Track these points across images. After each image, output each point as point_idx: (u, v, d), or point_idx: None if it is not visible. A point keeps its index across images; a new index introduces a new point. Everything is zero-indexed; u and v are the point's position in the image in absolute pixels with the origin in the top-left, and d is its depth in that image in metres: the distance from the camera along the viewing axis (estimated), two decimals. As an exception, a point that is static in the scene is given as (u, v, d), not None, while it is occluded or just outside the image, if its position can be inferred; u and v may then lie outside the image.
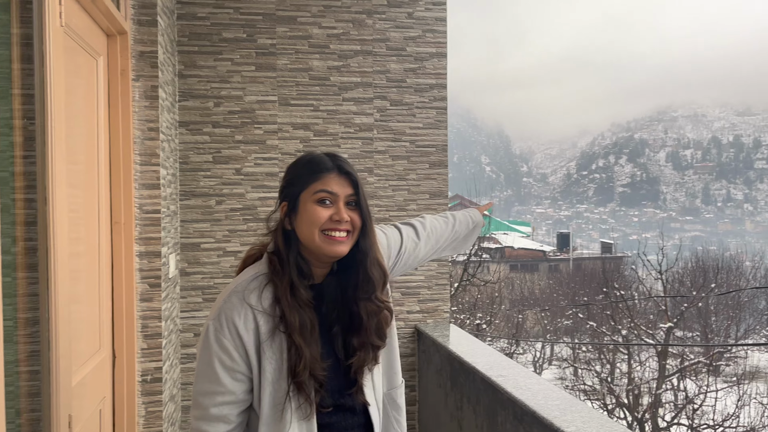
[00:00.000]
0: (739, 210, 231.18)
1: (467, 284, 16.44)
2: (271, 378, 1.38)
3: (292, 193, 1.44)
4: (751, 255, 32.98)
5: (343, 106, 3.67)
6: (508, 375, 2.57)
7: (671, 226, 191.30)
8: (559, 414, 2.08)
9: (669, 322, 15.24)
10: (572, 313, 23.21)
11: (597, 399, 14.70)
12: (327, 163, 1.44)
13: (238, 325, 1.38)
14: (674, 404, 14.05)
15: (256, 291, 1.41)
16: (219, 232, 3.57)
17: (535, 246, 45.93)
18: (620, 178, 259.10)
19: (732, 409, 12.63)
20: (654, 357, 15.95)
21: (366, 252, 1.46)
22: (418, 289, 3.84)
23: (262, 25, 3.56)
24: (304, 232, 1.41)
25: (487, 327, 18.70)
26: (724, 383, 16.00)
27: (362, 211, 1.45)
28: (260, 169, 3.59)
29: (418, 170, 3.80)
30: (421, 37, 3.75)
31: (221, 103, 3.54)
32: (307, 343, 1.37)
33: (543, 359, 23.36)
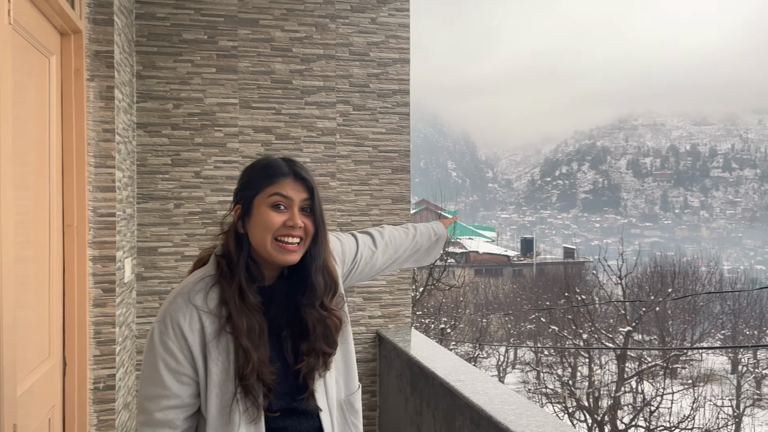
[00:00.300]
0: (696, 217, 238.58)
1: (432, 288, 16.52)
2: (218, 380, 1.36)
3: (246, 197, 1.42)
4: (707, 260, 34.01)
5: (306, 110, 3.65)
6: (466, 380, 2.58)
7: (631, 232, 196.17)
8: (515, 418, 2.10)
9: (628, 326, 15.58)
10: (535, 317, 23.56)
11: (558, 402, 14.94)
12: (283, 168, 1.43)
13: (183, 326, 1.36)
14: (633, 406, 14.36)
15: (201, 292, 1.39)
16: (177, 236, 3.50)
17: (499, 251, 46.50)
18: (583, 185, 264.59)
19: (687, 410, 12.97)
20: (614, 360, 16.29)
21: (315, 259, 1.45)
22: (380, 294, 3.84)
23: (223, 27, 3.52)
24: (256, 236, 1.40)
25: (452, 331, 18.82)
26: (680, 386, 16.44)
27: (316, 217, 1.44)
28: (220, 173, 3.54)
29: (381, 175, 3.81)
30: (384, 43, 3.76)
31: (181, 105, 3.48)
32: (255, 347, 1.36)
33: (507, 363, 23.63)
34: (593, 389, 14.18)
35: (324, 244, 1.48)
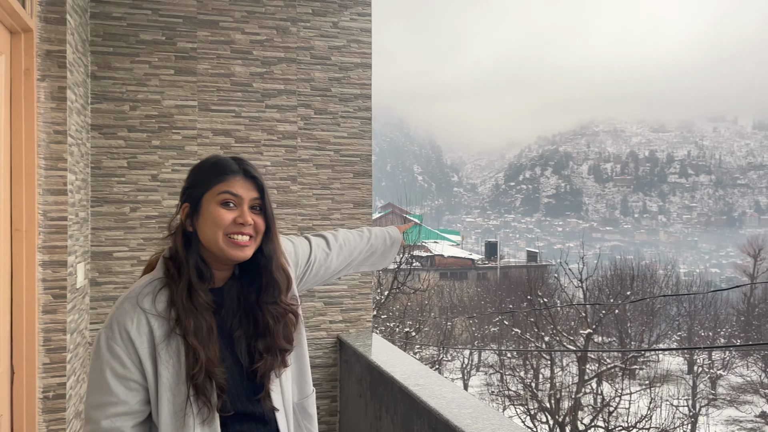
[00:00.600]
0: (654, 221, 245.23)
1: (397, 292, 16.55)
2: (169, 384, 1.34)
3: (195, 194, 1.41)
4: (664, 264, 34.96)
5: (266, 113, 3.62)
6: (424, 384, 2.59)
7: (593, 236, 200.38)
8: (471, 422, 2.12)
9: (588, 328, 15.89)
10: (499, 320, 23.84)
11: (521, 404, 15.13)
12: (233, 166, 1.42)
13: (130, 330, 1.34)
14: (593, 407, 14.64)
15: (150, 295, 1.37)
16: (133, 240, 3.43)
17: (464, 254, 46.84)
18: (546, 190, 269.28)
19: (645, 410, 13.29)
20: (575, 362, 16.59)
21: (270, 256, 1.45)
22: (341, 299, 3.83)
23: (182, 28, 3.47)
24: (206, 234, 1.38)
25: (417, 335, 18.89)
26: (638, 386, 16.83)
27: (267, 215, 1.44)
28: (178, 176, 3.48)
29: (343, 179, 3.80)
30: (345, 47, 3.76)
31: (137, 106, 3.41)
32: (204, 345, 1.34)
33: (471, 366, 23.83)
34: (555, 391, 14.41)
35: (276, 241, 1.48)
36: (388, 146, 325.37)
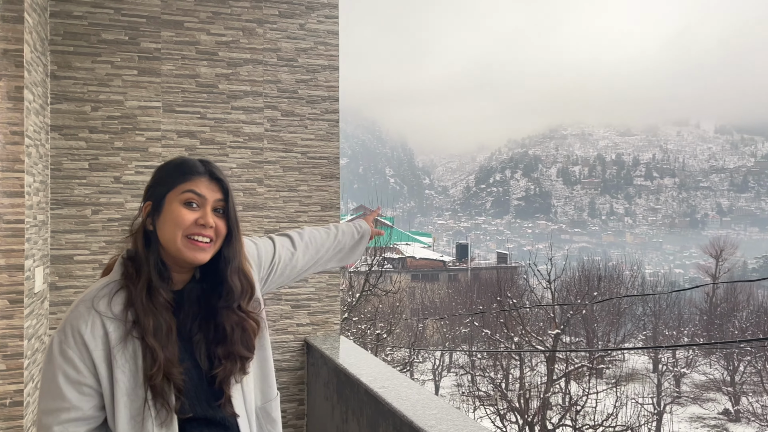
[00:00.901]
0: (621, 223, 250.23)
1: (368, 294, 16.54)
2: (126, 388, 1.31)
3: (158, 193, 1.38)
4: (630, 265, 35.64)
5: (232, 115, 3.59)
6: (390, 386, 2.60)
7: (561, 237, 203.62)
8: (435, 423, 2.13)
9: (557, 328, 16.10)
10: (469, 321, 24.01)
11: (491, 404, 15.25)
12: (199, 167, 1.40)
13: (84, 333, 1.30)
14: (561, 406, 14.84)
15: (105, 297, 1.34)
16: (95, 244, 3.36)
17: (435, 256, 47.08)
18: (515, 192, 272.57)
19: (611, 409, 13.52)
20: (543, 362, 16.79)
21: (229, 261, 1.42)
22: (309, 302, 3.81)
23: (145, 28, 3.41)
24: (166, 233, 1.35)
25: (388, 336, 18.90)
26: (605, 385, 17.13)
27: (229, 219, 1.41)
28: (142, 178, 3.43)
29: (310, 182, 3.79)
30: (313, 49, 3.75)
31: (99, 107, 3.35)
32: (162, 345, 1.31)
33: (442, 367, 23.95)
34: (524, 391, 14.56)
35: (238, 246, 1.45)
36: (360, 148, 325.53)
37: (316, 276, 3.79)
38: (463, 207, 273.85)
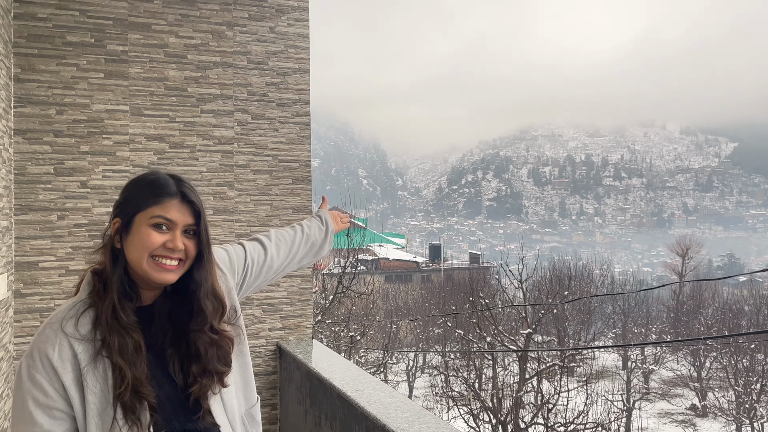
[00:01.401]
0: (590, 223, 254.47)
1: (342, 296, 16.51)
2: (96, 409, 1.29)
3: (127, 211, 1.35)
4: (600, 264, 36.23)
5: (202, 118, 3.55)
6: (362, 389, 2.60)
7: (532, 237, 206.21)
8: (408, 426, 2.15)
9: (528, 328, 16.29)
10: (442, 322, 24.13)
11: (464, 404, 15.35)
12: (171, 188, 1.37)
13: (51, 357, 1.28)
14: (533, 405, 15.02)
15: (72, 319, 1.32)
16: (61, 250, 3.29)
17: (408, 257, 47.21)
18: (487, 193, 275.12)
19: (582, 406, 13.73)
20: (516, 361, 16.97)
21: (200, 283, 1.41)
22: (281, 306, 3.79)
23: (112, 31, 3.36)
24: (133, 254, 1.34)
25: (362, 338, 18.89)
26: (576, 383, 17.38)
27: (200, 241, 1.40)
28: (109, 182, 3.37)
29: (281, 185, 3.77)
30: (283, 52, 3.74)
31: (65, 110, 3.29)
32: (130, 364, 1.30)
33: (415, 368, 24.02)
34: (497, 390, 14.70)
35: (209, 267, 1.43)
36: (332, 150, 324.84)
37: (288, 280, 3.78)
38: (435, 208, 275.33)
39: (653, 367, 24.64)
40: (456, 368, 19.01)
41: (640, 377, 24.37)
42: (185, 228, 1.37)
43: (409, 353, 23.81)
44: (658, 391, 24.79)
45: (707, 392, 22.38)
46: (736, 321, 25.57)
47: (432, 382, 19.42)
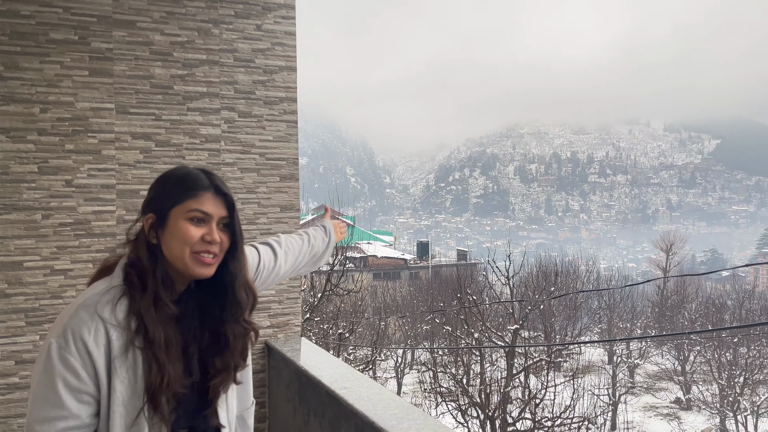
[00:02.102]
0: (576, 219, 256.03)
1: (330, 294, 16.49)
2: (123, 398, 1.30)
3: (161, 207, 1.37)
4: (586, 260, 36.53)
5: (188, 116, 3.53)
6: (351, 387, 2.61)
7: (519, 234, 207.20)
8: (396, 423, 2.16)
9: (516, 324, 16.39)
10: (430, 318, 24.20)
11: (453, 400, 15.42)
12: (204, 182, 1.39)
13: (87, 341, 1.28)
14: (521, 400, 15.12)
15: (109, 304, 1.32)
16: (46, 249, 3.26)
17: (397, 255, 47.27)
18: (474, 190, 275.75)
19: (569, 401, 13.84)
20: (503, 357, 17.07)
21: (235, 274, 1.43)
22: (269, 304, 3.78)
23: (96, 28, 3.33)
24: (173, 249, 1.35)
25: (350, 336, 18.89)
26: (563, 378, 17.52)
27: (234, 233, 1.42)
28: (94, 181, 3.34)
29: (269, 183, 3.76)
30: (270, 50, 3.72)
31: (49, 109, 3.25)
32: (171, 360, 1.32)
33: (404, 364, 24.08)
34: (485, 386, 14.77)
35: (243, 259, 1.46)
36: (320, 148, 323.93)
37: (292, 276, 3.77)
38: (423, 205, 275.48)
39: (638, 361, 24.92)
40: (444, 364, 19.08)
41: (625, 372, 24.63)
42: (220, 221, 1.39)
43: (397, 350, 23.86)
44: (643, 385, 25.09)
45: (691, 386, 22.68)
46: (719, 315, 25.92)
47: (420, 378, 19.47)
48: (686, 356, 23.58)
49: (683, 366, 23.54)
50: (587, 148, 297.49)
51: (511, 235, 31.04)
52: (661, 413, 22.52)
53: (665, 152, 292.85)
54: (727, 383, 19.40)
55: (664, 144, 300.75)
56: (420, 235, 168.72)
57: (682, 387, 23.01)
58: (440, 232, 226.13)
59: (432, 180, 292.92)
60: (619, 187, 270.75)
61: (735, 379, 19.30)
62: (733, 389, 19.00)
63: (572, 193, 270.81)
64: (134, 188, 3.41)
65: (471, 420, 14.50)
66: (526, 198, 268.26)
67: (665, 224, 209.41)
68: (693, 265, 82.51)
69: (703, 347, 22.23)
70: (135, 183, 3.41)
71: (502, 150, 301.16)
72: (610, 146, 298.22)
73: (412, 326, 26.51)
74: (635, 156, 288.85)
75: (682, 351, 23.69)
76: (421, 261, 45.81)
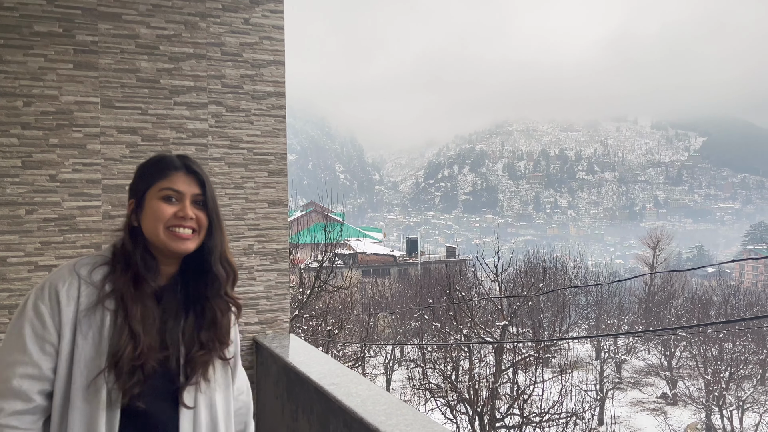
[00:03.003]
0: (564, 216, 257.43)
1: (320, 291, 16.46)
2: (85, 355, 1.35)
3: (138, 191, 1.45)
4: (574, 256, 36.71)
5: (175, 111, 3.49)
6: (340, 383, 2.60)
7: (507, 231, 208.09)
8: (385, 418, 2.15)
9: (504, 320, 16.45)
10: (419, 315, 24.23)
11: (441, 396, 15.46)
12: (175, 162, 1.46)
13: (60, 291, 1.36)
14: (509, 396, 15.18)
15: (89, 265, 1.41)
16: (30, 245, 3.22)
17: (386, 251, 47.28)
18: (463, 187, 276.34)
19: (557, 396, 13.92)
20: (492, 353, 17.13)
21: (212, 250, 1.47)
22: (257, 300, 3.76)
23: (81, 20, 3.28)
24: (149, 227, 1.42)
25: (339, 332, 18.87)
26: (551, 374, 17.62)
27: (209, 209, 1.46)
28: (80, 176, 3.30)
29: (257, 178, 3.73)
30: (258, 44, 3.69)
31: (32, 102, 3.20)
32: (147, 333, 1.37)
33: (393, 361, 24.10)
34: (473, 382, 14.82)
35: (220, 235, 1.49)
36: (309, 144, 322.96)
37: (265, 274, 3.75)
38: (412, 202, 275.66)
39: (625, 357, 25.10)
40: (433, 360, 19.13)
41: (612, 367, 24.80)
42: (193, 198, 1.45)
43: (386, 346, 23.88)
44: (630, 381, 25.28)
45: (677, 381, 22.88)
46: (704, 311, 26.16)
47: (409, 374, 19.50)
48: (672, 352, 23.79)
49: (669, 361, 23.75)
50: (575, 145, 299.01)
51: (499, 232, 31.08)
52: (648, 408, 22.72)
53: (652, 149, 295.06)
54: (713, 378, 19.59)
55: (652, 141, 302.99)
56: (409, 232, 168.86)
57: (669, 382, 23.22)
58: (429, 228, 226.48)
59: (421, 177, 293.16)
60: (606, 184, 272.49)
61: (720, 374, 19.50)
62: (718, 384, 19.19)
63: (560, 190, 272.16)
64: (120, 183, 3.37)
65: (460, 416, 14.55)
66: (514, 195, 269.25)
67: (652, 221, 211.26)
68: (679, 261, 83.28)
69: (689, 343, 22.43)
70: (121, 178, 3.37)
71: (490, 147, 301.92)
72: (598, 143, 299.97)
73: (401, 323, 26.54)
74: (623, 153, 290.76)
75: (669, 346, 23.89)
76: (411, 258, 45.85)
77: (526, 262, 26.85)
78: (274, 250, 3.78)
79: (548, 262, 28.82)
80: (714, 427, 19.67)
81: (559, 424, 13.55)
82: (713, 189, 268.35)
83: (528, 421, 13.26)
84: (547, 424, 13.42)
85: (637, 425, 21.10)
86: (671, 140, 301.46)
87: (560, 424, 13.54)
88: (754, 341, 22.63)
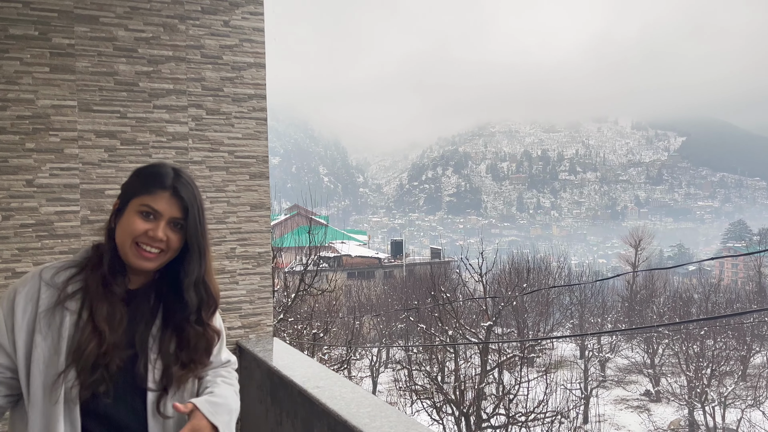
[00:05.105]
0: (548, 216, 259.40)
1: (304, 294, 16.39)
2: (44, 355, 1.36)
3: (125, 196, 1.46)
4: (557, 256, 36.96)
5: (155, 114, 3.46)
6: (324, 386, 2.59)
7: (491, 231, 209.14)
8: (369, 421, 2.14)
9: (489, 320, 16.51)
10: (405, 316, 24.24)
11: (427, 398, 15.46)
12: (166, 181, 1.44)
13: (19, 294, 1.38)
14: (495, 396, 15.23)
15: (54, 269, 1.42)
16: (6, 251, 3.16)
17: (371, 254, 47.25)
18: (447, 188, 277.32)
19: (542, 396, 14.00)
20: (477, 354, 17.18)
21: (189, 275, 1.46)
22: (240, 305, 3.73)
23: (57, 23, 3.23)
24: (119, 236, 1.43)
25: (325, 335, 18.80)
26: (536, 373, 17.71)
27: (188, 234, 1.44)
28: (57, 180, 3.25)
29: (238, 182, 3.71)
30: (238, 46, 3.67)
31: (8, 106, 3.15)
32: (112, 331, 1.38)
33: (379, 363, 24.07)
34: (459, 383, 14.85)
35: (197, 261, 1.47)
36: (292, 147, 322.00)
37: (247, 278, 3.72)
38: (396, 204, 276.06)
39: (609, 355, 25.33)
40: (419, 362, 19.14)
41: (596, 366, 25.00)
42: (172, 220, 1.43)
43: (372, 349, 23.85)
44: (614, 379, 25.50)
45: (660, 378, 23.13)
46: (686, 308, 26.50)
47: (395, 376, 19.49)
48: (655, 349, 24.04)
49: (652, 359, 23.99)
50: (557, 146, 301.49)
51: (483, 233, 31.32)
52: (632, 406, 22.94)
53: (633, 149, 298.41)
54: (695, 375, 19.84)
55: (632, 141, 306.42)
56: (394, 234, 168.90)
57: (652, 379, 23.47)
58: (414, 230, 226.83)
59: (405, 179, 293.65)
60: (588, 185, 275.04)
61: (702, 371, 19.74)
62: (700, 381, 19.43)
63: (543, 190, 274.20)
64: (99, 188, 3.33)
65: (446, 417, 14.56)
66: (498, 196, 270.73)
67: (634, 220, 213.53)
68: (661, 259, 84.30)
69: (671, 340, 22.68)
70: (100, 182, 3.33)
71: (474, 148, 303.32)
72: (580, 144, 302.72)
73: (386, 325, 26.52)
74: (604, 153, 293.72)
75: (651, 344, 24.14)
76: (395, 260, 45.86)
77: (510, 263, 26.97)
78: (257, 253, 3.75)
79: (532, 262, 29.01)
80: (697, 423, 19.91)
81: (544, 424, 13.62)
82: (693, 188, 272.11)
83: (514, 420, 13.32)
84: (532, 423, 13.48)
85: (621, 423, 21.29)
86: (651, 140, 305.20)
87: (546, 423, 13.61)
88: (734, 338, 22.96)
